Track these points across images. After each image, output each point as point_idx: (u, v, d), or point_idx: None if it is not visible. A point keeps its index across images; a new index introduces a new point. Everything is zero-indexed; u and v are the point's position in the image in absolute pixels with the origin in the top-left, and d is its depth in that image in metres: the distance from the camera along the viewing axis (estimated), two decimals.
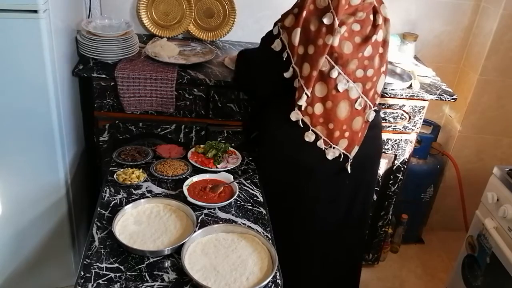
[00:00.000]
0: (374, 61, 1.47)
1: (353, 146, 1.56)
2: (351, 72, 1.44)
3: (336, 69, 1.42)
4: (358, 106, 1.50)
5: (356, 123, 1.54)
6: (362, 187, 1.69)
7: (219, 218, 1.39)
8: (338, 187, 1.63)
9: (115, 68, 1.76)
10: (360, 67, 1.45)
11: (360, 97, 1.49)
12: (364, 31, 1.43)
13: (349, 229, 1.76)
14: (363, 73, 1.46)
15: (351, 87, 1.46)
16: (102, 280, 1.13)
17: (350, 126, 1.53)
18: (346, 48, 1.41)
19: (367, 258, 2.33)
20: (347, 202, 1.68)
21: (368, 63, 1.46)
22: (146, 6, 2.13)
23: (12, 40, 1.44)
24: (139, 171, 1.53)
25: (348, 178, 1.61)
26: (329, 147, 1.53)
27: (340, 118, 1.50)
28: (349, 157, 1.56)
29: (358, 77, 1.46)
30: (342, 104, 1.48)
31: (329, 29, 1.37)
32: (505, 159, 2.52)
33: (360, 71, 1.45)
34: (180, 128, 1.90)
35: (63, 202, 1.79)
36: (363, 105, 1.51)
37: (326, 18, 1.37)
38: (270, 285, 1.17)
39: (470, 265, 1.95)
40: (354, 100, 1.49)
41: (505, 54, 2.27)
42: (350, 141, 1.55)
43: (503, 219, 1.74)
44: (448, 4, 2.29)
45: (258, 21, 2.22)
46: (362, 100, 1.50)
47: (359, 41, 1.43)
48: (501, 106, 2.40)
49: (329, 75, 1.43)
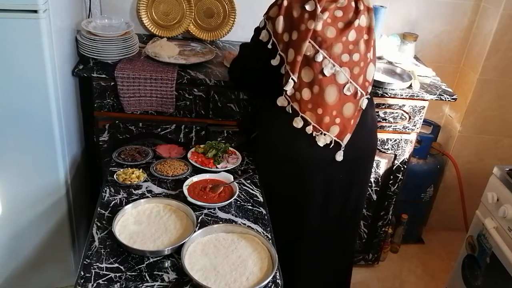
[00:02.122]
0: (359, 46, 1.49)
1: (345, 133, 1.56)
2: (336, 56, 1.46)
3: (321, 53, 1.44)
4: (347, 91, 1.51)
5: (347, 110, 1.54)
6: (356, 184, 1.69)
7: (219, 218, 1.39)
8: (331, 180, 1.62)
9: (115, 68, 1.76)
10: (345, 52, 1.47)
11: (348, 82, 1.50)
12: (347, 17, 1.46)
13: (343, 228, 1.76)
14: (349, 58, 1.48)
15: (337, 71, 1.48)
16: (102, 280, 1.13)
17: (341, 112, 1.53)
18: (330, 32, 1.44)
19: (367, 258, 2.33)
20: (341, 200, 1.68)
21: (353, 47, 1.48)
22: (146, 6, 2.13)
23: (12, 40, 1.44)
24: (139, 171, 1.53)
25: (342, 172, 1.61)
26: (320, 133, 1.54)
27: (328, 103, 1.50)
28: (341, 145, 1.56)
29: (344, 61, 1.48)
30: (330, 88, 1.49)
31: (311, 15, 1.41)
32: (505, 159, 2.52)
33: (346, 55, 1.47)
34: (180, 128, 1.90)
35: (63, 202, 1.79)
36: (353, 91, 1.52)
37: (308, 5, 1.41)
38: (270, 285, 1.17)
39: (470, 265, 1.95)
40: (342, 85, 1.50)
41: (505, 54, 2.27)
42: (342, 128, 1.55)
43: (503, 219, 1.74)
44: (448, 4, 2.29)
45: (258, 21, 2.19)
46: (352, 86, 1.51)
47: (342, 26, 1.46)
48: (501, 106, 2.40)
49: (314, 59, 1.45)
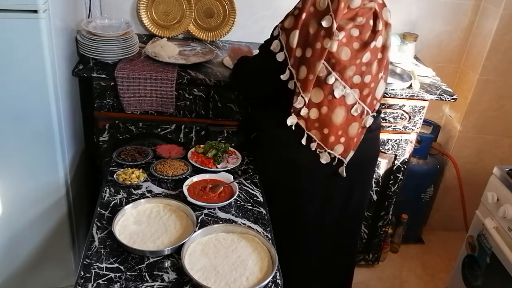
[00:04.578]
0: (372, 67, 1.45)
1: (348, 151, 1.56)
2: (348, 78, 1.43)
3: (333, 75, 1.41)
4: (354, 112, 1.49)
5: (352, 129, 1.53)
6: (358, 186, 1.68)
7: (219, 218, 1.39)
8: (333, 187, 1.62)
9: (115, 68, 1.76)
10: (358, 73, 1.44)
11: (357, 103, 1.48)
12: (363, 37, 1.42)
13: (344, 229, 1.76)
14: (361, 79, 1.45)
15: (347, 93, 1.45)
16: (102, 280, 1.13)
17: (346, 132, 1.52)
18: (344, 54, 1.40)
19: (367, 258, 2.33)
20: (342, 202, 1.67)
21: (366, 69, 1.44)
22: (146, 6, 2.13)
23: (12, 40, 1.44)
24: (139, 171, 1.53)
25: (343, 179, 1.60)
26: (323, 151, 1.53)
27: (335, 124, 1.49)
28: (343, 162, 1.56)
29: (355, 83, 1.45)
30: (338, 110, 1.47)
31: (327, 32, 1.36)
32: (505, 159, 2.52)
33: (358, 77, 1.44)
34: (180, 128, 1.90)
35: (63, 202, 1.79)
36: (360, 111, 1.50)
37: (325, 21, 1.36)
38: (270, 285, 1.17)
39: (470, 265, 1.95)
40: (351, 106, 1.48)
41: (505, 54, 2.27)
42: (346, 147, 1.54)
43: (503, 219, 1.74)
44: (448, 4, 2.29)
45: (258, 21, 2.22)
46: (359, 106, 1.49)
47: (358, 47, 1.41)
48: (501, 106, 2.41)
49: (326, 81, 1.41)
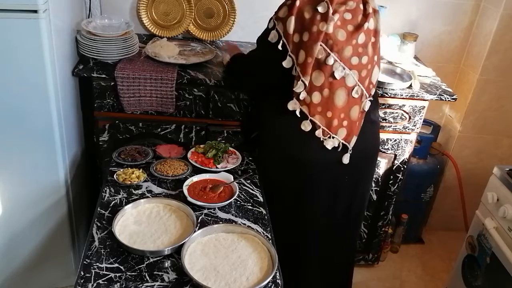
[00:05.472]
0: (367, 48, 1.49)
1: (351, 136, 1.57)
2: (346, 59, 1.46)
3: (332, 56, 1.44)
4: (355, 94, 1.51)
5: (354, 112, 1.54)
6: (361, 184, 1.69)
7: (219, 218, 1.39)
8: (337, 182, 1.62)
9: (115, 68, 1.76)
10: (355, 54, 1.47)
11: (356, 85, 1.50)
12: (356, 20, 1.46)
13: (344, 229, 1.76)
14: (358, 60, 1.48)
15: (347, 74, 1.48)
16: (102, 280, 1.13)
17: (348, 115, 1.54)
18: (340, 35, 1.44)
19: (367, 258, 2.33)
20: (347, 200, 1.68)
21: (362, 50, 1.48)
22: (146, 6, 2.13)
23: (12, 40, 1.44)
24: (139, 171, 1.53)
25: (347, 173, 1.61)
26: (328, 136, 1.54)
27: (338, 106, 1.51)
28: (348, 147, 1.57)
29: (354, 64, 1.48)
30: (340, 91, 1.49)
31: (323, 16, 1.40)
32: (505, 159, 2.52)
33: (355, 58, 1.47)
34: (180, 128, 1.90)
35: (63, 202, 1.79)
36: (360, 93, 1.52)
37: (321, 7, 1.41)
38: (270, 285, 1.17)
39: (470, 265, 1.94)
40: (351, 88, 1.50)
41: (505, 54, 2.27)
42: (349, 131, 1.56)
43: (503, 219, 1.74)
44: (448, 4, 2.29)
45: (258, 21, 2.21)
46: (359, 88, 1.51)
47: (352, 29, 1.45)
48: (501, 106, 2.40)
49: (325, 62, 1.44)
